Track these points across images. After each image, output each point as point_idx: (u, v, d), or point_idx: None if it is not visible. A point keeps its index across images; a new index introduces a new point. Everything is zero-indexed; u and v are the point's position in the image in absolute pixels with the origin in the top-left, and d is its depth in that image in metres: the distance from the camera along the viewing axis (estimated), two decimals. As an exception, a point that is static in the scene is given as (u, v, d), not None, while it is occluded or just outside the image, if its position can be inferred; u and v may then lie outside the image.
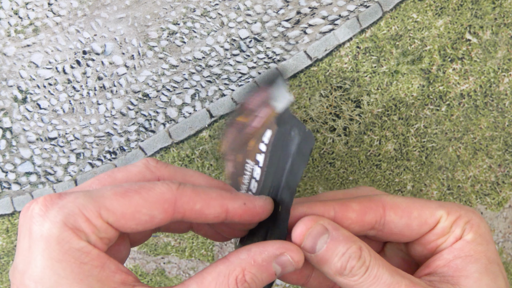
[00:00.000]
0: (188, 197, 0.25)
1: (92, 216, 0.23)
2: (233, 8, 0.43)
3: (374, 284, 0.25)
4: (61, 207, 0.23)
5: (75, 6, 0.42)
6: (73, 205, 0.23)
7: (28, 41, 0.42)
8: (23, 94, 0.43)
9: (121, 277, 0.23)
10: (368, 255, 0.25)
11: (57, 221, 0.22)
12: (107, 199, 0.24)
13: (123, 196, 0.24)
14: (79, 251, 0.22)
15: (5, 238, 0.44)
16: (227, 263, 0.24)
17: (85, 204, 0.23)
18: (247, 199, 0.26)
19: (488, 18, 0.43)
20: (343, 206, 0.28)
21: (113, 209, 0.23)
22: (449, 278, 0.26)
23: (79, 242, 0.22)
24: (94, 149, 0.44)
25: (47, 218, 0.23)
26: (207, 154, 0.44)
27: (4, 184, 0.44)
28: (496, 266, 0.26)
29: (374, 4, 0.43)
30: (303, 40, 0.43)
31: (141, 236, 0.30)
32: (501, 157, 0.45)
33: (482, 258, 0.26)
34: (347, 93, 0.44)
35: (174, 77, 0.43)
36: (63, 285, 0.22)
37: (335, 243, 0.25)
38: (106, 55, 0.43)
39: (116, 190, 0.24)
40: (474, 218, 0.28)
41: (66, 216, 0.23)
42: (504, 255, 0.47)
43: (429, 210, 0.28)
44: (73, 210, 0.23)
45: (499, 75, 0.44)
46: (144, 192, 0.24)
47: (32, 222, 0.23)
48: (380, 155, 0.44)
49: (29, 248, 0.23)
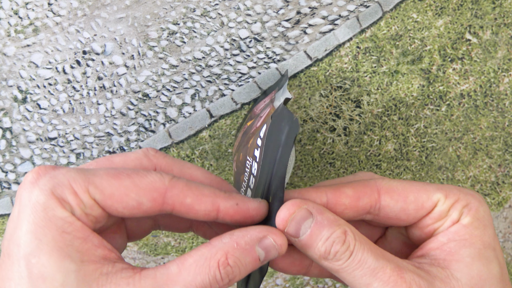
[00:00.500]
0: (179, 190, 0.25)
1: (79, 190, 0.23)
2: (233, 8, 0.43)
3: (359, 268, 0.24)
4: (51, 176, 0.23)
5: (75, 6, 0.42)
6: (63, 177, 0.23)
7: (28, 41, 0.42)
8: (23, 94, 0.43)
9: (103, 252, 0.23)
10: (353, 239, 0.25)
11: (45, 189, 0.23)
12: (98, 177, 0.24)
13: (114, 177, 0.24)
14: (62, 220, 0.22)
15: (5, 238, 0.44)
16: (210, 247, 0.24)
17: (75, 177, 0.23)
18: (240, 200, 0.26)
19: (488, 18, 0.43)
20: (336, 191, 0.27)
21: (101, 187, 0.24)
22: (440, 261, 0.26)
23: (62, 212, 0.23)
24: (94, 149, 0.44)
25: (37, 186, 0.23)
26: (207, 154, 0.44)
27: (4, 184, 0.44)
28: (491, 251, 0.26)
29: (374, 4, 0.43)
30: (303, 40, 0.43)
31: (137, 229, 0.30)
32: (501, 157, 0.45)
33: (477, 243, 0.26)
34: (347, 93, 0.44)
35: (174, 77, 0.43)
36: (43, 251, 0.22)
37: (319, 227, 0.25)
38: (106, 55, 0.43)
39: (109, 171, 0.24)
40: (473, 202, 0.27)
41: (55, 185, 0.23)
42: (504, 255, 0.47)
43: (426, 193, 0.28)
44: (62, 181, 0.23)
45: (499, 75, 0.44)
46: (135, 178, 0.24)
47: (23, 189, 0.23)
48: (380, 155, 0.44)
49: (18, 215, 0.23)
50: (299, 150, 0.44)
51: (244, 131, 0.33)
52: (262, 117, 0.30)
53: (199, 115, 0.44)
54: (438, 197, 0.27)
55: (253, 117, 0.33)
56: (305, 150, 0.44)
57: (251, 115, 0.33)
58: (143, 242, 0.44)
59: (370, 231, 0.32)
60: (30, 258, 0.22)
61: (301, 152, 0.44)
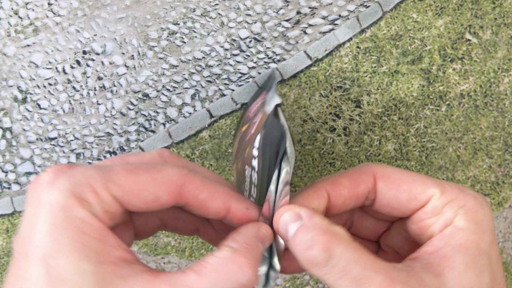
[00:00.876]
0: (196, 184, 0.25)
1: (99, 188, 0.23)
2: (233, 8, 0.43)
3: (342, 278, 0.23)
4: (70, 176, 0.23)
5: (75, 6, 0.42)
6: (82, 175, 0.23)
7: (28, 41, 0.42)
8: (23, 94, 0.43)
9: (120, 253, 0.23)
10: (336, 245, 0.23)
11: (64, 188, 0.23)
12: (116, 174, 0.24)
13: (132, 172, 0.24)
14: (80, 220, 0.22)
15: (5, 238, 0.44)
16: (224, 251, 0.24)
17: (94, 175, 0.23)
18: (251, 206, 0.26)
19: (488, 18, 0.43)
20: (333, 184, 0.27)
21: (120, 183, 0.24)
22: (434, 267, 0.24)
23: (82, 212, 0.22)
24: (94, 149, 0.44)
25: (55, 186, 0.23)
26: (207, 154, 0.44)
27: (4, 184, 0.44)
28: (485, 259, 0.24)
29: (374, 4, 0.43)
30: (303, 40, 0.43)
31: (145, 228, 0.30)
32: (501, 157, 0.45)
33: (473, 249, 0.24)
34: (347, 93, 0.44)
35: (174, 77, 0.43)
36: (61, 252, 0.22)
37: (303, 230, 0.24)
38: (106, 55, 0.43)
39: (126, 166, 0.24)
40: (472, 204, 0.25)
41: (74, 185, 0.23)
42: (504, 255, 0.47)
43: (421, 186, 0.26)
44: (81, 180, 0.23)
45: (499, 75, 0.44)
46: (153, 172, 0.24)
47: (40, 189, 0.23)
48: (380, 155, 0.44)
49: (34, 215, 0.23)
50: (299, 150, 0.44)
51: (240, 137, 0.33)
52: (255, 124, 0.29)
53: (199, 115, 0.44)
54: (433, 192, 0.26)
55: (247, 121, 0.33)
56: (305, 150, 0.44)
57: (245, 119, 0.33)
58: (143, 242, 0.44)
59: (376, 224, 0.31)
60: (48, 260, 0.22)
61: (301, 152, 0.44)
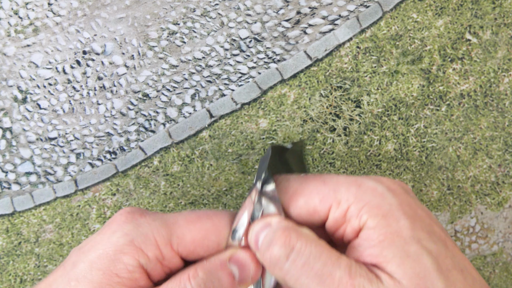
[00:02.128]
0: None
1: (162, 242, 0.24)
2: (233, 8, 0.43)
3: (304, 274, 0.22)
4: (138, 225, 0.24)
5: (75, 6, 0.42)
6: (149, 227, 0.24)
7: (28, 41, 0.42)
8: (23, 94, 0.43)
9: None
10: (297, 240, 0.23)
11: (128, 234, 0.24)
12: (179, 227, 0.24)
13: (197, 221, 0.24)
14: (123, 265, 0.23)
15: (5, 238, 0.44)
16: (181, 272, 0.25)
17: (159, 229, 0.24)
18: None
19: (488, 18, 0.43)
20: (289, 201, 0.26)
21: (183, 236, 0.24)
22: (373, 268, 0.23)
23: (130, 260, 0.23)
24: (94, 149, 0.44)
25: (122, 228, 0.24)
26: (207, 154, 0.44)
27: (4, 184, 0.44)
28: (415, 244, 0.22)
29: (374, 4, 0.43)
30: (303, 40, 0.43)
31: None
32: (501, 157, 0.45)
33: (396, 240, 0.23)
34: (347, 93, 0.44)
35: (174, 77, 0.43)
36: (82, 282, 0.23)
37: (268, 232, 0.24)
38: (106, 55, 0.43)
39: (189, 216, 0.25)
40: (370, 198, 0.23)
41: (138, 235, 0.24)
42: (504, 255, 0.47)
43: (317, 196, 0.24)
44: (146, 231, 0.24)
45: (499, 75, 0.44)
46: (215, 219, 0.25)
47: (111, 224, 0.24)
48: (380, 155, 0.44)
49: (97, 241, 0.24)
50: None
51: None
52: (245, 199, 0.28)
53: (199, 115, 0.44)
54: (330, 203, 0.24)
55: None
56: (305, 150, 0.44)
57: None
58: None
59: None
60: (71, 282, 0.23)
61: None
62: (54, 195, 0.44)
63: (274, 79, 0.43)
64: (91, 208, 0.44)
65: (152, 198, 0.44)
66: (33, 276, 0.44)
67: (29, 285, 0.44)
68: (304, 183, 0.25)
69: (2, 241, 0.44)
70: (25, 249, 0.44)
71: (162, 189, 0.44)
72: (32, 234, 0.44)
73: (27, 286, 0.45)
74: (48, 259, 0.44)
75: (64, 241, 0.44)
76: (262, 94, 0.44)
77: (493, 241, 0.47)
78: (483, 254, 0.47)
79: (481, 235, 0.47)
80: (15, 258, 0.44)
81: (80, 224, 0.44)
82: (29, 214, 0.44)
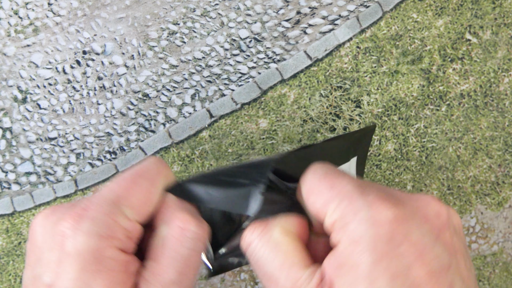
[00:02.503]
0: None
1: (120, 219, 0.23)
2: (233, 8, 0.43)
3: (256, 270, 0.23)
4: (92, 218, 0.23)
5: (75, 6, 0.42)
6: (101, 214, 0.23)
7: (28, 41, 0.42)
8: (23, 94, 0.43)
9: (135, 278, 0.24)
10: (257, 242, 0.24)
11: (90, 232, 0.23)
12: (124, 198, 0.24)
13: (134, 184, 0.24)
14: (109, 259, 0.23)
15: (5, 238, 0.44)
16: None
17: (109, 209, 0.23)
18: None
19: (488, 18, 0.43)
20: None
21: (132, 204, 0.24)
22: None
23: (110, 251, 0.23)
24: (94, 149, 0.44)
25: (80, 232, 0.23)
26: (207, 154, 0.44)
27: (4, 184, 0.44)
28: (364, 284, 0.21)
29: (374, 4, 0.43)
30: (303, 40, 0.43)
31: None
32: (501, 157, 0.45)
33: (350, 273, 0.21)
34: (347, 93, 0.44)
35: (174, 77, 0.43)
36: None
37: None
38: (106, 55, 0.43)
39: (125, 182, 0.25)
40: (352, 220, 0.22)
41: (99, 226, 0.23)
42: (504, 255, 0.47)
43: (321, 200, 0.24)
44: (102, 219, 0.23)
45: (499, 75, 0.44)
46: (146, 173, 0.25)
47: (64, 237, 0.23)
48: (380, 155, 0.44)
49: (59, 261, 0.23)
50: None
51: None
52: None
53: (199, 115, 0.44)
54: (326, 211, 0.24)
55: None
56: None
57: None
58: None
59: None
60: None
61: (301, 152, 0.44)
62: (54, 195, 0.44)
63: (274, 79, 0.43)
64: (91, 208, 0.44)
65: (152, 198, 0.44)
66: (33, 276, 0.44)
67: (29, 285, 0.45)
68: (322, 180, 0.24)
69: (2, 241, 0.44)
70: (25, 249, 0.44)
71: (162, 189, 0.44)
72: (32, 234, 0.44)
73: (27, 286, 0.45)
74: (48, 259, 0.44)
75: (64, 241, 0.44)
76: (262, 94, 0.44)
77: (493, 241, 0.47)
78: (483, 254, 0.47)
79: (481, 235, 0.47)
80: (15, 258, 0.44)
81: (80, 224, 0.44)
82: (29, 214, 0.44)
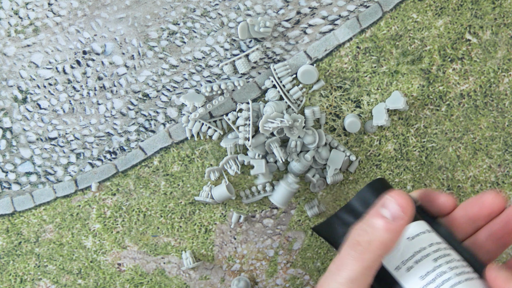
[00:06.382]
0: None
1: None
2: (233, 8, 0.43)
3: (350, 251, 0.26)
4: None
5: (75, 6, 0.42)
6: None
7: (28, 41, 0.43)
8: (23, 94, 0.43)
9: None
10: (362, 236, 0.26)
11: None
12: None
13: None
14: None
15: (5, 238, 0.44)
16: None
17: None
18: None
19: (488, 18, 0.43)
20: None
21: None
22: None
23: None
24: (94, 149, 0.44)
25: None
26: (207, 154, 0.44)
27: (4, 184, 0.44)
28: None
29: (374, 4, 0.43)
30: (303, 40, 0.43)
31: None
32: (501, 157, 0.45)
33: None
34: (347, 93, 0.44)
35: (174, 77, 0.43)
36: None
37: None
38: (106, 55, 0.43)
39: None
40: None
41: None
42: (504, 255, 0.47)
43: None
44: None
45: (499, 75, 0.44)
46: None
47: None
48: (380, 155, 0.45)
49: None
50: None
51: None
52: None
53: (199, 115, 0.44)
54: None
55: None
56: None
57: None
58: (143, 242, 0.44)
59: None
60: None
61: (301, 152, 0.44)
62: (54, 195, 0.44)
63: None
64: (91, 208, 0.44)
65: (152, 198, 0.44)
66: (33, 276, 0.45)
67: (29, 285, 0.45)
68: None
69: (2, 241, 0.44)
70: (25, 249, 0.44)
71: (162, 189, 0.44)
72: (32, 234, 0.44)
73: (27, 286, 0.45)
74: (48, 259, 0.44)
75: (64, 241, 0.44)
76: (262, 94, 0.44)
77: (493, 241, 0.47)
78: (483, 254, 0.47)
79: (481, 235, 0.47)
80: (15, 258, 0.44)
81: (80, 224, 0.44)
82: (29, 214, 0.44)
